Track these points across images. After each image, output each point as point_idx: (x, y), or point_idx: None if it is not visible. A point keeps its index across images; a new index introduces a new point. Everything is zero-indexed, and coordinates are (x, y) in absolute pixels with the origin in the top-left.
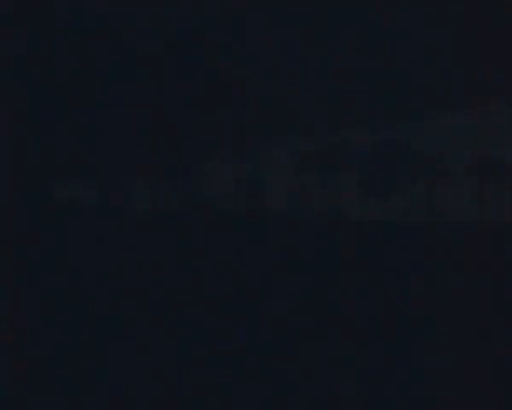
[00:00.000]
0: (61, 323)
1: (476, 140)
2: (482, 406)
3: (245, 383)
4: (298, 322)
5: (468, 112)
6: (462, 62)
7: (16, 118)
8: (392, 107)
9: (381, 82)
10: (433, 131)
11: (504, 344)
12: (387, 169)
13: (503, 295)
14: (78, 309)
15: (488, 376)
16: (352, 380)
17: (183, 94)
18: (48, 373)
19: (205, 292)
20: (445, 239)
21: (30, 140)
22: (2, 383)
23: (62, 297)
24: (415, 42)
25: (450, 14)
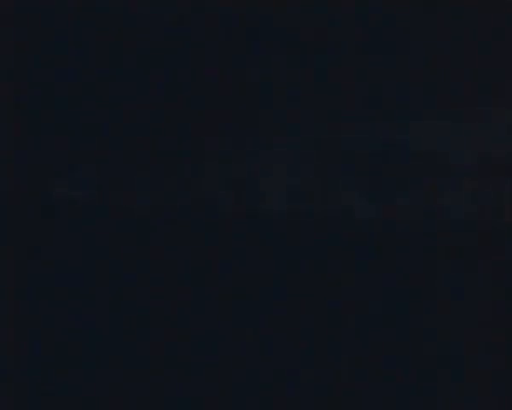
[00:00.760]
0: (61, 323)
1: (476, 140)
2: (482, 406)
3: (245, 383)
4: (298, 322)
5: (468, 112)
6: (462, 62)
7: (16, 118)
8: (392, 107)
9: (381, 82)
10: (433, 131)
11: (505, 345)
12: (387, 169)
13: (503, 296)
14: (77, 309)
15: (488, 377)
16: (352, 380)
17: (183, 93)
18: (47, 373)
19: (204, 292)
20: (444, 239)
21: (30, 140)
22: (2, 382)
23: (62, 297)
24: (415, 41)
25: (450, 13)
